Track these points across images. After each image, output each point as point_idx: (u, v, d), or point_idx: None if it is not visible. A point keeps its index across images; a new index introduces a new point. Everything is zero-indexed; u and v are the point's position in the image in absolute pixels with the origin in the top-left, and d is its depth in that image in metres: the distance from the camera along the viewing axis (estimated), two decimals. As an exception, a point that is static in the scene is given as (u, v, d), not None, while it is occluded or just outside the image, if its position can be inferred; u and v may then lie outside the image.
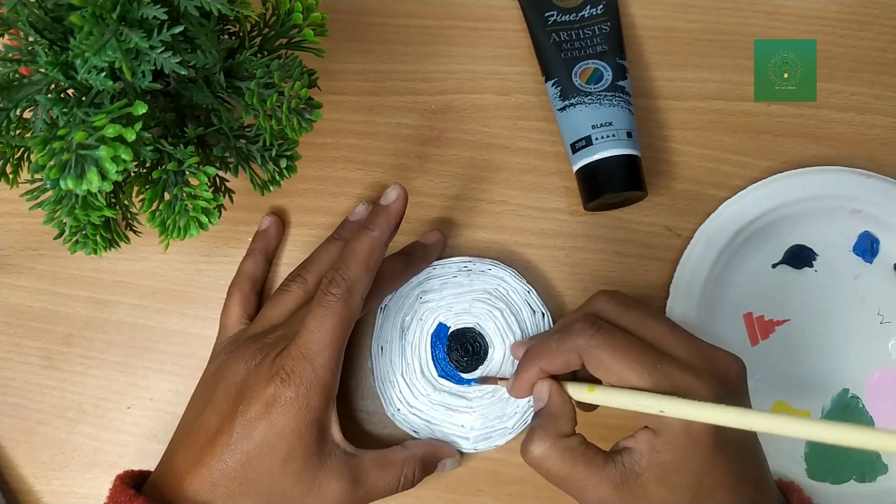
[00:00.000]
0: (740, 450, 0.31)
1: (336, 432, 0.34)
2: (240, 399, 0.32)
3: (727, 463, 0.30)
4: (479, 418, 0.39)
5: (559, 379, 0.33)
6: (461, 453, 0.39)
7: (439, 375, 0.39)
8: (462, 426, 0.39)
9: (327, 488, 0.33)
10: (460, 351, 0.39)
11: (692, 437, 0.29)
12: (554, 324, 0.40)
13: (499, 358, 0.39)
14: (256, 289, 0.40)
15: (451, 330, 0.39)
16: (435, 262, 0.40)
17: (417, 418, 0.39)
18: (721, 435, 0.29)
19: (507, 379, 0.37)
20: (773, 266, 0.41)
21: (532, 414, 0.37)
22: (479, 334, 0.39)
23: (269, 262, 0.41)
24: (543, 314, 0.40)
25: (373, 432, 0.40)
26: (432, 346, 0.39)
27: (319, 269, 0.38)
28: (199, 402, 0.35)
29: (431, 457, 0.37)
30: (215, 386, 0.34)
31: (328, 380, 0.33)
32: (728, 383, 0.31)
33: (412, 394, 0.39)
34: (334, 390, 0.33)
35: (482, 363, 0.39)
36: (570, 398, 0.33)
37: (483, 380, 0.39)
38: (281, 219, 0.42)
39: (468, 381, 0.39)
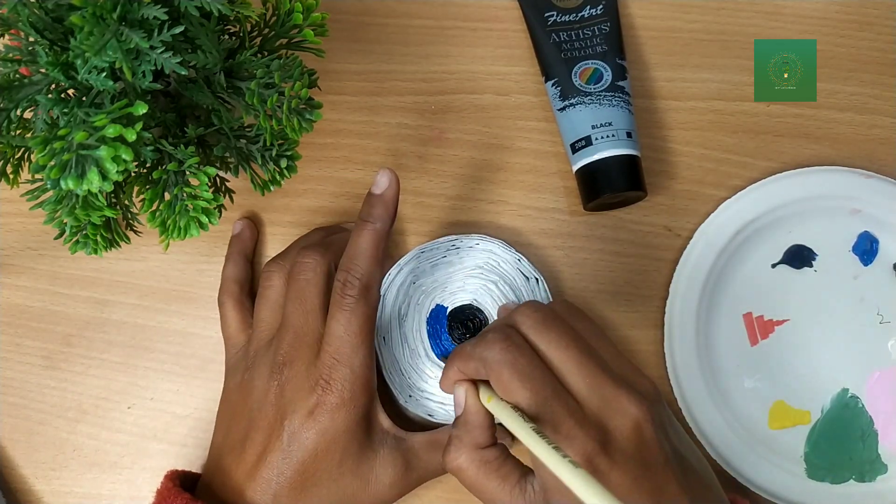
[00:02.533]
0: (665, 488, 0.29)
1: (384, 420, 0.34)
2: (282, 414, 0.33)
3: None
4: None
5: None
6: None
7: (439, 357, 0.39)
8: None
9: (383, 476, 0.33)
10: (461, 329, 0.39)
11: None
12: (548, 288, 0.40)
13: None
14: (246, 290, 0.40)
15: (449, 309, 0.39)
16: (422, 246, 0.41)
17: (431, 401, 0.39)
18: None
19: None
20: (773, 266, 0.41)
21: None
22: (478, 309, 0.40)
23: (250, 263, 0.41)
24: (537, 279, 0.40)
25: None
26: (431, 328, 0.39)
27: None
28: (234, 423, 0.35)
29: None
30: (248, 405, 0.34)
31: (367, 377, 0.33)
32: (613, 437, 0.29)
33: (420, 378, 0.39)
34: (374, 383, 0.34)
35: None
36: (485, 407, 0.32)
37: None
38: (253, 222, 0.42)
39: None
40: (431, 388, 0.39)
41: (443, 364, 0.39)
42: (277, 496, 0.32)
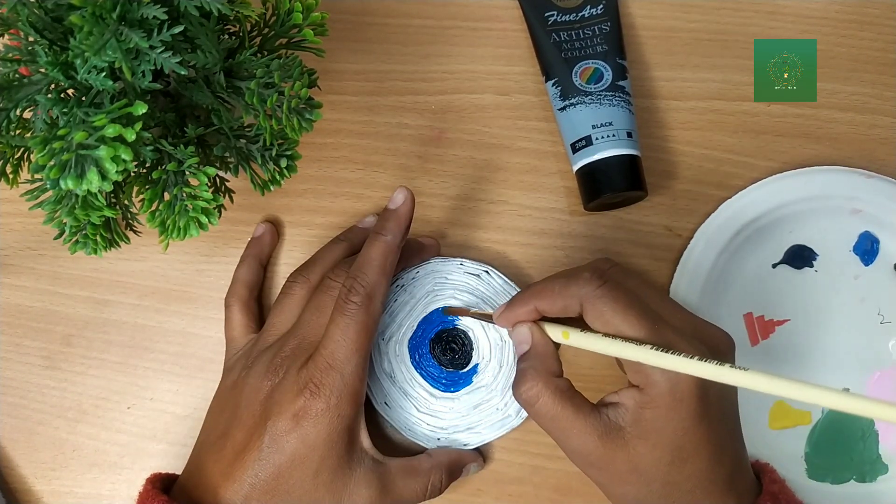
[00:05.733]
0: (723, 421, 0.31)
1: (365, 439, 0.34)
2: (267, 415, 0.32)
3: (709, 431, 0.30)
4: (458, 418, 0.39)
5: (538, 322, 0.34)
6: (483, 458, 0.39)
7: (427, 379, 0.39)
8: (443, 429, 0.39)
9: (357, 497, 0.33)
10: (447, 353, 0.39)
11: (676, 398, 0.29)
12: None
13: (485, 345, 0.39)
14: (254, 295, 0.40)
15: (430, 336, 0.40)
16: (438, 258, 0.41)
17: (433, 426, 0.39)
18: (705, 402, 0.30)
19: (483, 312, 0.38)
20: (773, 266, 0.41)
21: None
22: (460, 330, 0.40)
23: (263, 267, 0.41)
24: (487, 272, 0.40)
25: (393, 437, 0.40)
26: (412, 355, 0.39)
27: (324, 269, 0.37)
28: (221, 418, 0.35)
29: (456, 463, 0.37)
30: (237, 402, 0.34)
31: (357, 387, 0.33)
32: (718, 354, 0.31)
33: (420, 408, 0.39)
34: (363, 397, 0.34)
35: (470, 356, 0.39)
36: (551, 339, 0.33)
37: (451, 310, 0.39)
38: (276, 226, 0.42)
39: (462, 385, 0.39)
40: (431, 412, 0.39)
41: (433, 390, 0.39)
42: (248, 498, 0.32)
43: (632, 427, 0.30)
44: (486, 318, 0.37)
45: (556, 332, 0.33)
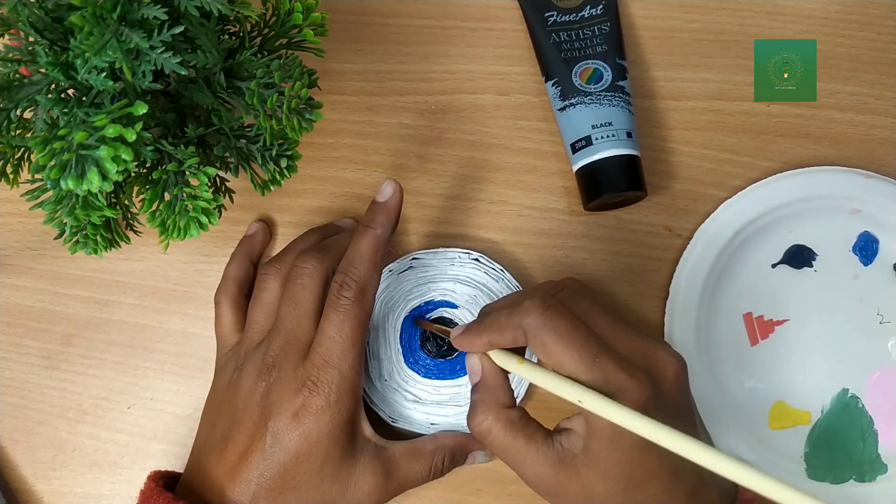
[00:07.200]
0: None
1: (366, 427, 0.35)
2: (266, 415, 0.33)
3: (660, 456, 0.29)
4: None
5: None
6: None
7: (446, 377, 0.39)
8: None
9: (363, 484, 0.33)
10: (442, 344, 0.39)
11: (617, 430, 0.29)
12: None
13: (465, 313, 0.39)
14: (244, 292, 0.39)
15: (417, 345, 0.40)
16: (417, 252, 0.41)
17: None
18: None
19: (443, 328, 0.38)
20: (773, 266, 0.41)
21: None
22: (444, 318, 0.40)
23: (254, 265, 0.41)
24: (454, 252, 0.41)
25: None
26: (419, 371, 0.39)
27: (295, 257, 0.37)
28: (219, 421, 0.35)
29: (462, 448, 0.37)
30: (233, 405, 0.34)
31: (355, 381, 0.33)
32: (662, 384, 0.30)
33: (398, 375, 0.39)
34: (361, 389, 0.34)
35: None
36: (502, 370, 0.33)
37: (422, 323, 0.39)
38: (269, 226, 0.42)
39: (455, 374, 0.39)
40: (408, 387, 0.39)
41: (418, 374, 0.39)
42: (256, 497, 0.32)
43: (583, 456, 0.30)
44: (445, 334, 0.37)
45: (511, 361, 0.32)
